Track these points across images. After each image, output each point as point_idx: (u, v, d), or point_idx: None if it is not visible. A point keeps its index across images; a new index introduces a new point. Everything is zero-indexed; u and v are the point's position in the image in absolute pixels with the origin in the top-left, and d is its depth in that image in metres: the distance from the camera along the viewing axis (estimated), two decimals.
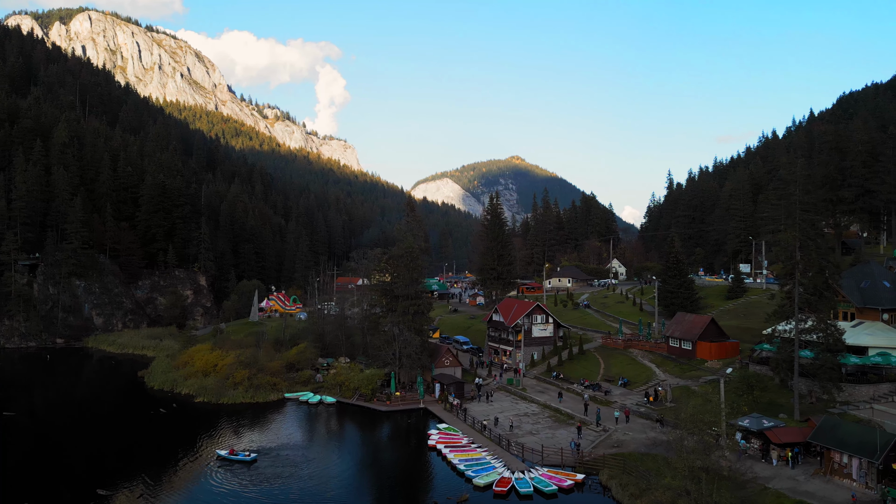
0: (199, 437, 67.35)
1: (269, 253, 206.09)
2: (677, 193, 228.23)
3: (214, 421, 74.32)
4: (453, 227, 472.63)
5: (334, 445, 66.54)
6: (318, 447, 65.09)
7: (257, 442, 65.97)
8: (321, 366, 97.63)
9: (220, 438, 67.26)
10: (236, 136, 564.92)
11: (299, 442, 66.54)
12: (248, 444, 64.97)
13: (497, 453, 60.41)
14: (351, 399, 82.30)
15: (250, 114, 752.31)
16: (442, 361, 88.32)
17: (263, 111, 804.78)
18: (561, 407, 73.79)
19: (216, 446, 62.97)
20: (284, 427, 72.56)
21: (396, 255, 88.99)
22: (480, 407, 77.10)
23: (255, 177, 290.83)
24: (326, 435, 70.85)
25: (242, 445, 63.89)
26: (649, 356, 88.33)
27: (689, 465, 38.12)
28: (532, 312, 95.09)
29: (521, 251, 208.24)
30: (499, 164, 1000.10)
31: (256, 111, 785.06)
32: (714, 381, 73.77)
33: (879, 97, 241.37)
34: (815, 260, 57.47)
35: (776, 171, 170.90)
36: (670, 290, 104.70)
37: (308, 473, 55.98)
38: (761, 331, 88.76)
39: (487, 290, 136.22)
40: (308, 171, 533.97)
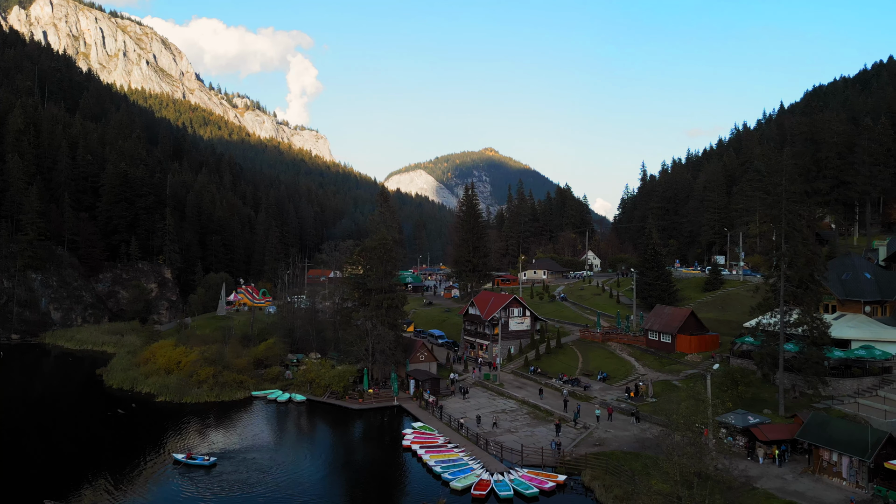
0: (158, 439, 63.32)
1: (238, 245, 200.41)
2: (651, 185, 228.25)
3: (176, 422, 70.29)
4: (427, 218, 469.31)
5: (303, 447, 63.17)
6: (286, 449, 61.67)
7: (221, 444, 62.34)
8: (291, 362, 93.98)
9: (181, 441, 63.36)
10: (204, 125, 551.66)
11: (266, 443, 63.02)
12: (210, 446, 61.25)
13: (475, 453, 57.81)
14: (322, 397, 78.94)
15: (219, 103, 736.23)
16: (417, 357, 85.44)
17: (233, 100, 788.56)
18: (540, 403, 71.55)
19: (175, 450, 59.15)
20: (251, 428, 68.93)
21: (369, 248, 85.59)
22: (456, 404, 74.45)
23: (223, 167, 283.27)
24: (295, 436, 67.47)
25: (205, 448, 60.19)
26: (628, 349, 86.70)
27: (682, 470, 35.85)
28: (509, 305, 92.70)
29: (496, 243, 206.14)
30: (472, 155, 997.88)
31: (226, 100, 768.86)
32: (695, 376, 72.41)
33: (848, 90, 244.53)
34: (801, 251, 55.89)
35: (750, 162, 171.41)
36: (648, 282, 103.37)
37: (274, 479, 52.58)
38: (740, 323, 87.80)
39: (463, 282, 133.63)
40: (279, 162, 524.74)
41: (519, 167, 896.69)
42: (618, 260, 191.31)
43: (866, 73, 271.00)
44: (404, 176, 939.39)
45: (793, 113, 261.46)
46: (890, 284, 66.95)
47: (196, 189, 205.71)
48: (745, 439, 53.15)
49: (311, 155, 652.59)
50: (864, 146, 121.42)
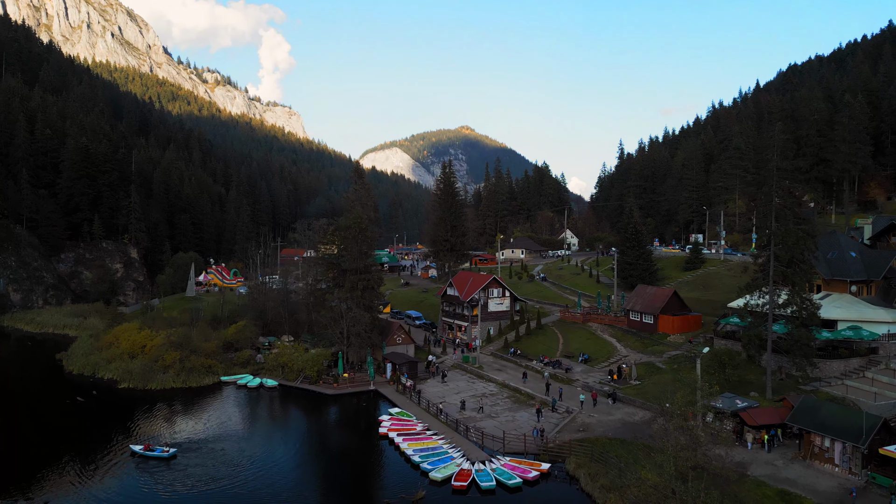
0: (118, 429, 59.70)
1: (208, 223, 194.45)
2: (628, 163, 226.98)
3: (139, 410, 66.68)
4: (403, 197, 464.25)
5: (274, 436, 60.13)
6: (256, 438, 58.59)
7: (186, 433, 59.03)
8: (262, 345, 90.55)
9: (142, 430, 59.87)
10: (173, 100, 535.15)
11: (234, 432, 59.83)
12: (173, 436, 57.85)
13: (454, 441, 55.48)
14: (295, 382, 75.87)
15: (188, 77, 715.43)
16: (393, 339, 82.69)
17: (203, 75, 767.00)
18: (521, 387, 69.41)
19: (133, 440, 55.72)
20: (218, 415, 65.62)
21: (344, 227, 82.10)
22: (435, 388, 72.01)
23: (192, 143, 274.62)
24: (266, 423, 64.35)
25: (168, 438, 56.82)
26: (609, 330, 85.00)
27: (677, 464, 33.71)
28: (488, 286, 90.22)
29: (473, 222, 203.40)
30: (448, 133, 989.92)
31: (195, 75, 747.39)
32: (679, 357, 70.95)
33: (823, 69, 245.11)
34: (791, 230, 54.04)
35: (728, 140, 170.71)
36: (628, 261, 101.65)
37: (240, 471, 49.51)
38: (723, 303, 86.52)
39: (440, 262, 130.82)
40: (251, 139, 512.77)
41: (496, 146, 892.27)
42: (595, 239, 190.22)
43: (841, 52, 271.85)
44: (379, 154, 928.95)
45: (769, 91, 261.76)
46: (875, 263, 65.83)
47: (163, 166, 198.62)
48: (734, 423, 51.57)
49: (284, 132, 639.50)
50: (844, 123, 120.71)
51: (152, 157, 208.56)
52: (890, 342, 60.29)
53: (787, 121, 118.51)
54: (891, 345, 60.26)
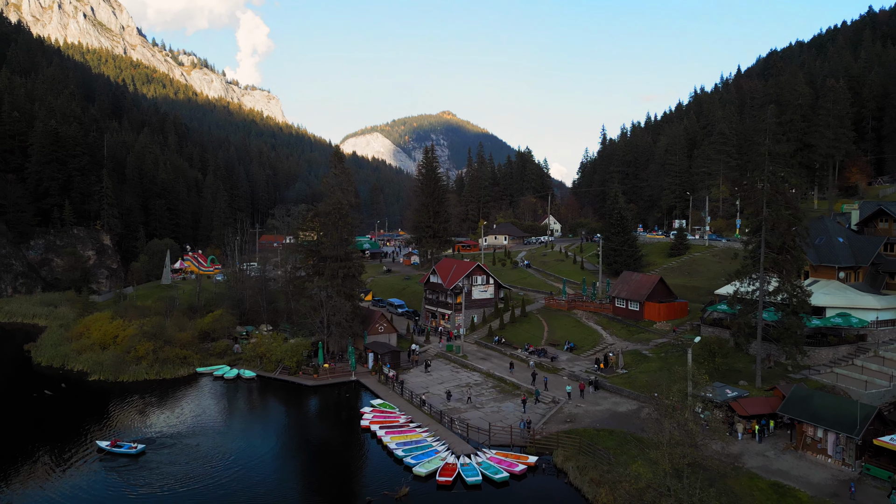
0: (87, 424, 57.09)
1: (184, 209, 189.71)
2: (611, 148, 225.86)
3: (109, 403, 64.04)
4: (384, 182, 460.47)
5: (251, 430, 57.85)
6: (232, 433, 56.33)
7: (158, 428, 56.57)
8: (240, 335, 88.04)
9: (111, 425, 57.28)
10: (148, 83, 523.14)
11: (209, 426, 57.53)
12: (144, 431, 55.42)
13: (439, 433, 53.83)
14: (273, 373, 73.65)
15: (164, 60, 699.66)
16: (375, 328, 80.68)
17: (178, 57, 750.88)
18: (506, 376, 67.92)
19: (101, 436, 53.24)
20: (193, 408, 63.19)
21: (323, 212, 79.65)
22: (418, 378, 70.27)
23: (167, 127, 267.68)
24: (242, 416, 62.00)
25: (134, 433, 54.37)
26: (594, 318, 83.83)
27: (673, 461, 32.31)
28: (472, 273, 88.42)
29: (456, 208, 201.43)
30: (430, 119, 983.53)
31: (171, 57, 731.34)
32: (666, 345, 69.95)
33: (804, 55, 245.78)
34: (783, 215, 52.83)
35: (711, 126, 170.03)
36: (613, 247, 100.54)
37: (214, 468, 47.30)
38: (709, 289, 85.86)
39: (423, 248, 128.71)
40: (228, 123, 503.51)
41: (477, 131, 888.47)
42: (578, 224, 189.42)
43: (821, 38, 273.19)
44: (360, 139, 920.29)
45: (750, 77, 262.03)
46: (863, 249, 65.08)
47: (137, 150, 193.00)
48: (724, 414, 50.54)
49: (263, 116, 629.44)
50: (828, 108, 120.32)
51: (126, 140, 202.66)
52: (878, 329, 59.71)
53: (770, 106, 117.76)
54: (879, 332, 59.70)
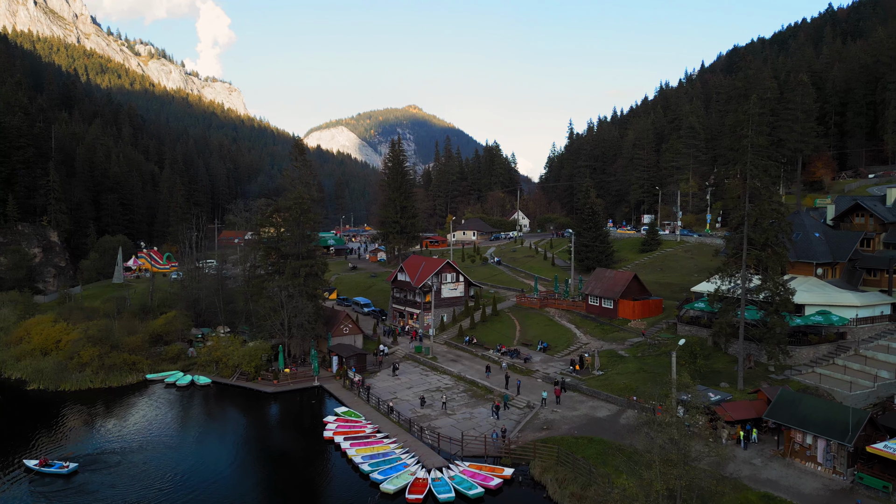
0: (19, 439, 51.94)
1: (139, 204, 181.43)
2: (578, 143, 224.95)
3: (47, 415, 58.79)
4: (350, 177, 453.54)
5: (204, 443, 53.50)
6: (182, 447, 51.91)
7: (96, 443, 51.80)
8: (195, 337, 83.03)
9: (44, 441, 52.17)
10: (102, 73, 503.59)
11: (156, 440, 52.94)
12: (79, 447, 50.51)
13: (408, 444, 50.38)
14: (230, 379, 69.12)
15: (119, 49, 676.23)
16: (340, 329, 76.67)
17: (135, 47, 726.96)
18: (478, 379, 64.76)
19: (29, 454, 48.29)
20: (139, 420, 58.40)
21: (284, 207, 75.22)
22: (385, 382, 66.63)
23: (122, 118, 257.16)
24: (195, 428, 57.38)
25: (67, 450, 49.49)
26: (567, 316, 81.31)
27: (668, 483, 29.48)
28: (441, 271, 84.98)
29: (423, 203, 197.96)
30: (396, 112, 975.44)
31: (127, 47, 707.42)
32: (642, 344, 67.74)
33: (766, 51, 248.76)
34: (766, 211, 50.76)
35: (679, 120, 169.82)
36: (585, 243, 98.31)
37: (158, 489, 43.02)
38: (682, 286, 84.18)
39: (389, 245, 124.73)
40: (187, 115, 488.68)
41: (444, 125, 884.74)
42: (546, 219, 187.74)
43: (782, 35, 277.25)
44: (325, 132, 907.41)
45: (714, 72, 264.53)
46: (841, 245, 63.80)
47: (88, 142, 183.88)
48: (707, 418, 48.19)
49: (224, 108, 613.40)
50: (797, 102, 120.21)
51: (76, 132, 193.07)
52: (858, 327, 58.34)
53: (739, 100, 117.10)
54: (859, 329, 58.34)
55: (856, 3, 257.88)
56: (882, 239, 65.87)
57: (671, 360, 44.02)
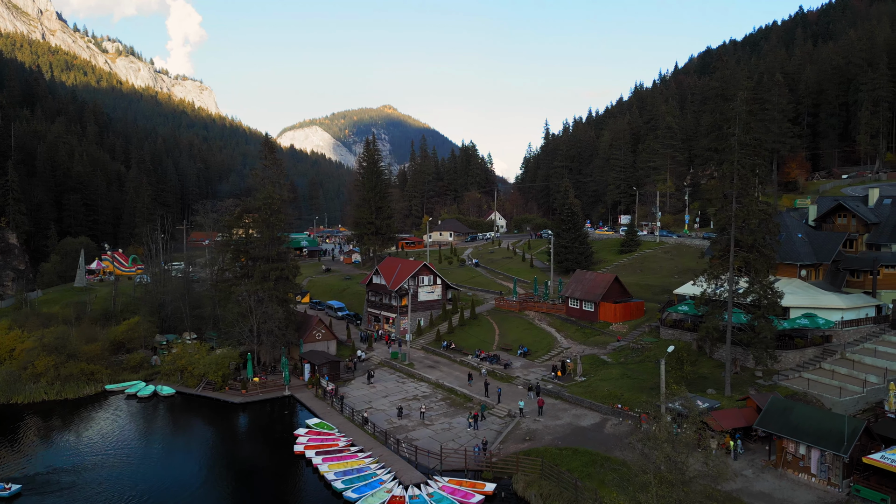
0: None
1: (104, 204, 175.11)
2: (554, 143, 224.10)
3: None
4: (324, 177, 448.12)
5: (165, 460, 50.14)
6: (141, 465, 48.48)
7: (45, 461, 48.14)
8: (159, 345, 79.17)
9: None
10: (67, 70, 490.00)
11: (114, 457, 49.46)
12: (24, 465, 46.86)
13: (384, 458, 47.71)
14: (196, 389, 65.61)
15: (86, 46, 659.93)
16: (312, 335, 73.56)
17: (102, 44, 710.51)
18: (456, 387, 62.31)
19: None
20: (96, 435, 54.72)
21: (253, 208, 71.95)
22: (360, 390, 63.82)
23: (87, 116, 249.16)
24: (155, 443, 53.90)
25: (15, 468, 45.82)
26: (547, 319, 79.33)
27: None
28: (418, 273, 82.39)
29: (399, 203, 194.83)
30: (371, 112, 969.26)
31: (94, 44, 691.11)
32: (624, 349, 65.99)
33: (738, 52, 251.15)
34: (754, 211, 49.24)
35: (655, 120, 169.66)
36: (564, 244, 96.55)
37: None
38: (663, 287, 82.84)
39: (364, 246, 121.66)
40: (157, 114, 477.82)
41: (419, 126, 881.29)
42: (523, 220, 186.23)
43: (754, 37, 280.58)
44: (299, 132, 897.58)
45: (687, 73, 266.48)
46: (824, 246, 62.81)
47: (50, 140, 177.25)
48: (695, 427, 46.37)
49: (195, 107, 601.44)
50: (774, 102, 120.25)
51: (37, 130, 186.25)
52: (843, 329, 57.29)
53: (716, 100, 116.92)
54: (844, 332, 57.30)
55: (825, 5, 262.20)
56: (865, 240, 65.08)
57: (660, 368, 42.08)
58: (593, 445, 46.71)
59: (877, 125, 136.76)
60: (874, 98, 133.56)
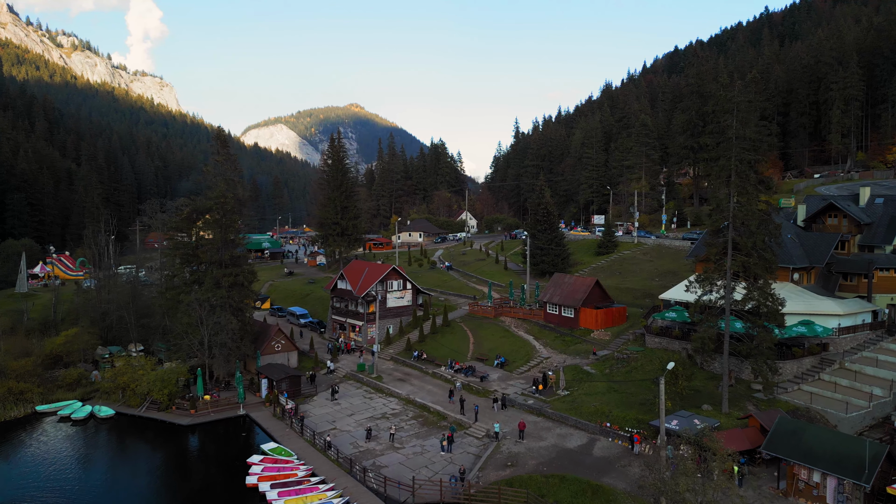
0: None
1: (50, 204, 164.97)
2: (525, 143, 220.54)
3: None
4: (289, 175, 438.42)
5: (96, 494, 43.71)
6: (71, 499, 42.05)
7: None
8: (101, 358, 72.15)
9: None
10: (18, 64, 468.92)
11: (39, 490, 42.88)
12: None
13: (348, 490, 42.24)
14: (139, 409, 59.04)
15: (40, 41, 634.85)
16: (271, 346, 67.54)
17: (57, 39, 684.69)
18: (429, 403, 57.09)
19: None
20: (20, 465, 47.87)
21: (203, 208, 65.57)
22: (323, 408, 58.12)
23: (35, 111, 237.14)
24: (89, 475, 47.27)
25: None
26: (524, 326, 74.66)
27: None
28: (387, 278, 76.87)
29: (367, 202, 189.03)
30: (337, 111, 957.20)
31: (48, 38, 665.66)
32: (608, 358, 61.58)
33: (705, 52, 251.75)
34: (753, 211, 45.21)
35: (627, 118, 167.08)
36: (540, 245, 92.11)
37: None
38: (643, 290, 79.04)
39: (329, 248, 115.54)
40: (113, 110, 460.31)
41: (386, 125, 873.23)
42: (494, 220, 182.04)
43: (720, 37, 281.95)
44: (263, 130, 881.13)
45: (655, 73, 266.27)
46: (816, 248, 59.46)
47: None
48: (691, 450, 42.09)
49: (154, 103, 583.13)
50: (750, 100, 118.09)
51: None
52: (840, 337, 53.85)
53: (692, 97, 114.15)
54: (841, 340, 53.86)
55: (790, 6, 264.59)
56: (857, 241, 62.06)
57: (659, 388, 37.51)
58: (583, 471, 42.04)
59: (848, 124, 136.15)
60: (845, 97, 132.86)
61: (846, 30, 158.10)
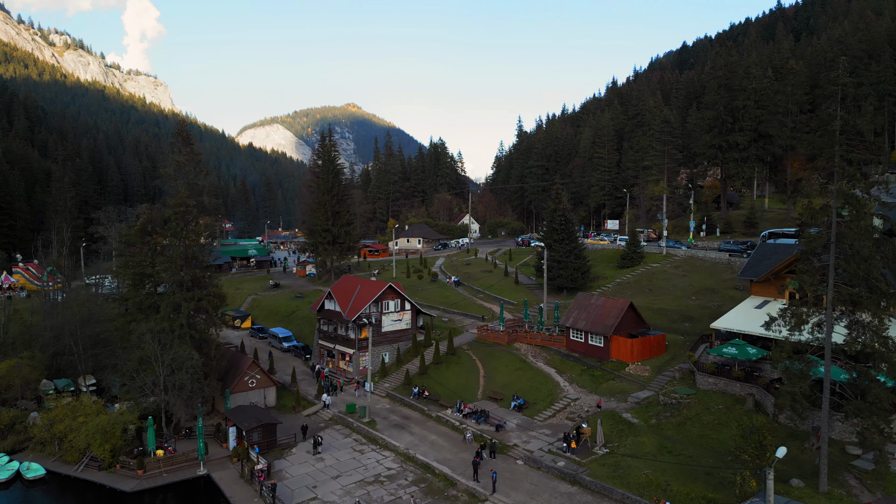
0: None
1: (22, 208, 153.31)
2: (528, 142, 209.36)
3: None
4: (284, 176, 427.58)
5: None
6: None
7: None
8: (45, 394, 60.94)
9: None
10: (6, 62, 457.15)
11: None
12: None
13: None
14: (76, 467, 47.89)
15: (31, 39, 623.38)
16: (243, 382, 56.49)
17: (49, 37, 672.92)
18: (432, 462, 45.99)
19: None
20: None
21: (160, 219, 54.49)
22: (302, 468, 46.95)
23: (15, 109, 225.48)
24: None
25: None
26: (544, 355, 63.52)
27: None
28: (382, 297, 65.79)
29: (362, 205, 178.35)
30: (334, 111, 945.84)
31: (40, 37, 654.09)
32: (652, 402, 50.40)
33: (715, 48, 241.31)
34: (866, 228, 34.21)
35: (641, 115, 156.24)
36: (556, 258, 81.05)
37: None
38: (680, 313, 68.27)
39: (320, 257, 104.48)
40: (103, 108, 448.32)
41: (384, 125, 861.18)
42: (497, 224, 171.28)
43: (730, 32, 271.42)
44: (260, 130, 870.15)
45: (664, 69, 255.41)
46: None
47: None
48: None
49: (146, 101, 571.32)
50: (787, 93, 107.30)
51: None
52: None
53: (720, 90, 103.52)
54: None
55: (802, 1, 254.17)
56: None
57: (766, 485, 26.43)
58: None
59: (882, 121, 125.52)
60: (879, 92, 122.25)
61: (874, 22, 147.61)
